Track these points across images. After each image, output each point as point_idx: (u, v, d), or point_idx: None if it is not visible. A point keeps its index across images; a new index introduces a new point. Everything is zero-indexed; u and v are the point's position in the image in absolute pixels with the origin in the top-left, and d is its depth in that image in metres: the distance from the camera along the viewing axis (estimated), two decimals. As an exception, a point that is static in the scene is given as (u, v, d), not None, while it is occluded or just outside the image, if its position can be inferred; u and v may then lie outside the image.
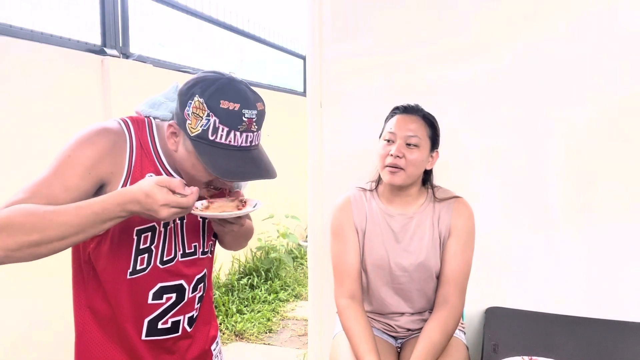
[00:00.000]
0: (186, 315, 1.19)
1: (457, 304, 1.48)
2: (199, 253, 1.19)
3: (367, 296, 1.61)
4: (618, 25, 1.75)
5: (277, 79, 5.62)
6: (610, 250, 1.82)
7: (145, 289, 1.12)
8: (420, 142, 1.48)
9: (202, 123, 0.98)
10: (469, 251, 1.52)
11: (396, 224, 1.54)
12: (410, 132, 1.47)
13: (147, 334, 1.14)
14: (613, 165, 1.79)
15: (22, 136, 2.23)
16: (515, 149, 1.88)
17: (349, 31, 2.00)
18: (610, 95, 1.77)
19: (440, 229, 1.52)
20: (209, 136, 0.99)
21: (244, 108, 1.00)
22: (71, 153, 0.99)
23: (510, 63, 1.85)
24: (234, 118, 0.99)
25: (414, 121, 1.50)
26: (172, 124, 1.04)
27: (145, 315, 1.13)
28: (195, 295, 1.21)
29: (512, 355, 1.41)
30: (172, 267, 1.13)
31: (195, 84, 1.01)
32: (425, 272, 1.52)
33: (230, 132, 0.99)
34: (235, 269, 4.13)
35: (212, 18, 4.08)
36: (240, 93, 1.01)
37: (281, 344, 3.17)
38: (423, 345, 1.40)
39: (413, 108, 1.55)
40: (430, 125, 1.52)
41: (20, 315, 2.24)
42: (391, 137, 1.49)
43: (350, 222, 1.56)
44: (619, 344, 1.56)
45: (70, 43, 2.56)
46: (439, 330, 1.42)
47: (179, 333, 1.19)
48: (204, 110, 0.98)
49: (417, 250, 1.51)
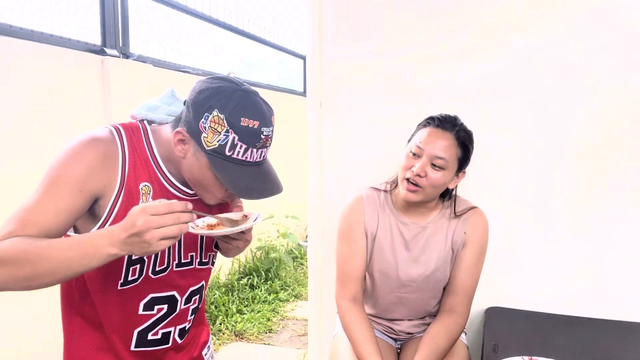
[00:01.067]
0: (177, 326, 1.17)
1: (464, 314, 1.48)
2: (195, 263, 1.16)
3: (369, 299, 1.59)
4: (619, 24, 1.74)
5: (277, 79, 5.62)
6: (610, 250, 1.82)
7: (136, 300, 1.09)
8: (447, 165, 1.36)
9: (219, 138, 0.97)
10: (480, 264, 1.50)
11: (408, 233, 1.49)
12: (439, 151, 1.35)
13: (137, 345, 1.12)
14: (615, 165, 1.79)
15: (22, 136, 2.23)
16: (516, 150, 1.88)
17: (349, 31, 2.00)
18: (611, 95, 1.77)
19: (455, 240, 1.48)
20: (225, 151, 0.98)
21: (263, 126, 0.99)
22: (60, 172, 0.95)
23: (510, 64, 1.85)
24: (253, 136, 0.98)
25: (445, 139, 1.37)
26: (181, 131, 1.01)
27: (135, 326, 1.11)
28: (188, 307, 1.18)
29: (512, 355, 1.40)
30: (164, 277, 1.10)
31: (211, 95, 0.98)
32: (433, 284, 1.49)
33: (248, 149, 0.99)
34: (235, 269, 4.13)
35: (212, 18, 4.07)
36: (259, 109, 1.00)
37: (281, 344, 3.17)
38: (428, 348, 1.38)
39: (448, 123, 1.40)
40: (462, 146, 1.39)
41: (8, 326, 2.20)
42: (417, 151, 1.38)
43: (360, 224, 1.50)
44: (619, 344, 1.56)
45: (70, 43, 2.56)
46: (445, 336, 1.41)
47: (169, 344, 1.16)
48: (224, 126, 0.96)
49: (427, 261, 1.48)
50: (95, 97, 2.62)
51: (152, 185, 1.05)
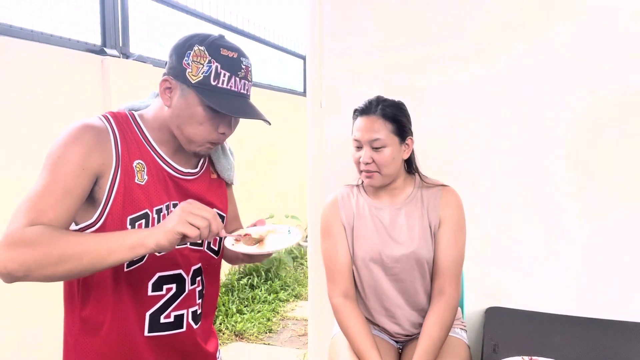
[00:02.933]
0: (189, 309, 1.17)
1: (453, 294, 1.48)
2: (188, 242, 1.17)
3: (363, 300, 1.59)
4: (617, 26, 1.74)
5: (277, 79, 5.62)
6: (610, 250, 1.82)
7: (144, 280, 1.10)
8: (386, 142, 1.44)
9: (203, 70, 1.03)
10: (460, 240, 1.51)
11: (385, 217, 1.54)
12: (373, 134, 1.44)
13: (150, 329, 1.13)
14: (616, 165, 1.79)
15: (22, 136, 2.23)
16: (516, 150, 1.87)
17: (349, 31, 2.00)
18: (613, 94, 1.77)
19: (430, 218, 1.51)
20: (211, 81, 1.04)
21: (242, 57, 1.08)
22: (60, 154, 0.99)
23: (510, 64, 1.84)
24: (234, 64, 1.06)
25: (373, 122, 1.45)
26: (167, 78, 1.07)
27: (146, 308, 1.11)
28: (195, 289, 1.19)
29: (512, 355, 1.40)
30: (169, 254, 1.12)
31: (191, 37, 1.07)
32: (418, 262, 1.50)
33: (231, 77, 1.05)
34: (235, 269, 4.14)
35: (212, 18, 4.08)
36: (235, 45, 1.09)
37: (281, 344, 3.17)
38: (423, 344, 1.40)
39: (371, 106, 1.48)
40: (391, 120, 1.46)
41: (7, 326, 2.21)
42: (357, 143, 1.49)
43: (337, 219, 1.57)
44: (619, 344, 1.56)
45: (70, 43, 2.57)
46: (438, 326, 1.43)
47: (184, 329, 1.17)
48: (205, 57, 1.03)
49: (408, 240, 1.51)
50: (95, 97, 2.62)
51: (145, 162, 1.09)
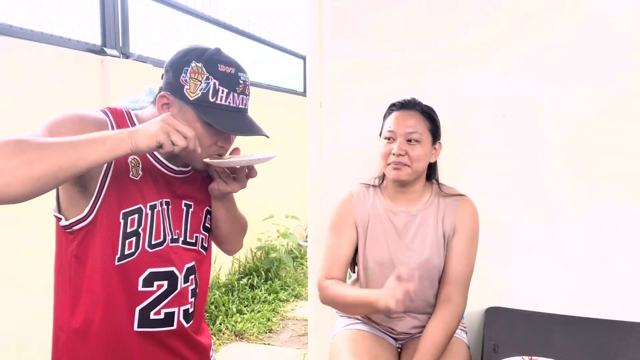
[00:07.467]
0: (181, 307, 1.15)
1: (460, 303, 1.48)
2: (180, 241, 1.16)
3: None
4: (615, 26, 1.74)
5: (277, 79, 5.62)
6: (610, 251, 1.82)
7: (134, 275, 1.08)
8: (421, 137, 1.46)
9: (201, 87, 1.03)
10: (473, 251, 1.51)
11: (399, 222, 1.53)
12: (410, 128, 1.46)
13: (140, 325, 1.11)
14: (617, 164, 1.79)
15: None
16: (517, 150, 1.88)
17: (349, 31, 2.00)
18: (614, 93, 1.76)
19: (445, 227, 1.51)
20: (209, 98, 1.04)
21: (239, 72, 1.08)
22: (60, 122, 1.03)
23: (510, 64, 1.85)
24: (232, 80, 1.06)
25: (412, 116, 1.48)
26: (165, 95, 1.07)
27: (136, 303, 1.10)
28: (187, 287, 1.17)
29: (512, 355, 1.41)
30: (162, 251, 1.10)
31: (187, 52, 1.06)
32: (429, 270, 1.50)
33: (229, 93, 1.05)
34: (235, 269, 4.13)
35: (212, 18, 4.08)
36: (232, 59, 1.08)
37: (281, 344, 3.17)
38: (426, 346, 1.40)
39: (410, 103, 1.52)
40: (429, 119, 1.50)
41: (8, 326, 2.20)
42: (391, 135, 1.48)
43: (350, 217, 1.55)
44: (619, 344, 1.56)
45: (70, 43, 2.57)
46: (442, 330, 1.42)
47: (174, 326, 1.14)
48: (203, 74, 1.03)
49: (421, 248, 1.50)
50: (95, 97, 2.62)
51: (139, 158, 1.10)
